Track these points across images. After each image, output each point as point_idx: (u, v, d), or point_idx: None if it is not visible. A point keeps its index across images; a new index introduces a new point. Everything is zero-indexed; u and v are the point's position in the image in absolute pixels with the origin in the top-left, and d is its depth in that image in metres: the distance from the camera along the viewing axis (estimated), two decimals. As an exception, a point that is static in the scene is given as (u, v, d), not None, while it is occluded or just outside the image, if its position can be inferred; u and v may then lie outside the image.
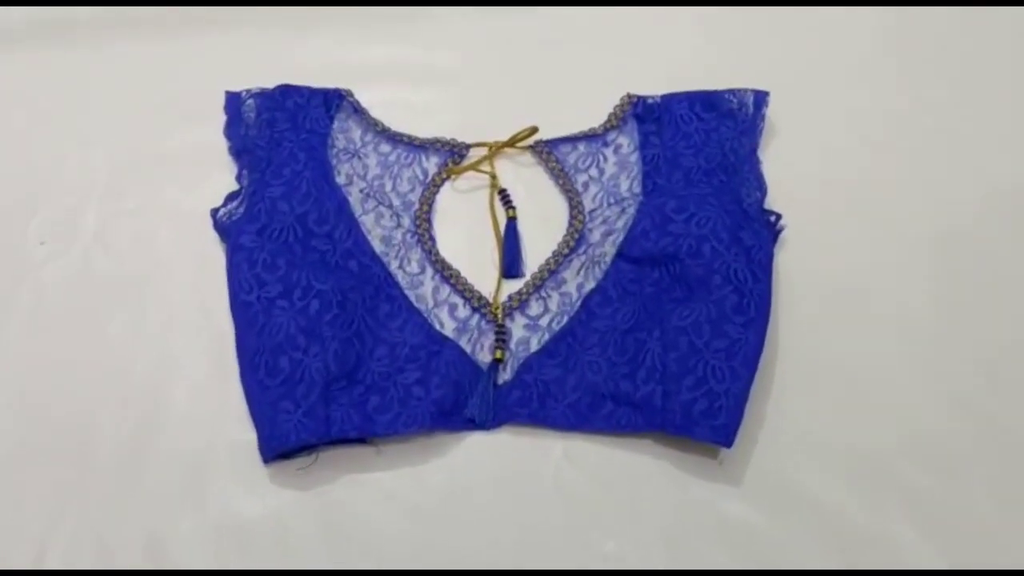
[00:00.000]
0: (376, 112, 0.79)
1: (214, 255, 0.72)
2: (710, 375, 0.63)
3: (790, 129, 0.78)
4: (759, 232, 0.69)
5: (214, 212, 0.74)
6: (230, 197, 0.74)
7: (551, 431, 0.66)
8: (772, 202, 0.74)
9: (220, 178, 0.76)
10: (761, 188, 0.74)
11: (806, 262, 0.72)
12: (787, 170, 0.75)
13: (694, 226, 0.68)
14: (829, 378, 0.68)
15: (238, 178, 0.75)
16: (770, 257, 0.68)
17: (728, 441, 0.63)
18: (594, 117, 0.78)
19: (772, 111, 0.77)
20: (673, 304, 0.67)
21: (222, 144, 0.78)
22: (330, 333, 0.66)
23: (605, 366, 0.66)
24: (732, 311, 0.65)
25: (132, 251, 0.74)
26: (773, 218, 0.72)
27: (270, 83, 0.79)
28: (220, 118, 0.79)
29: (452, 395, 0.66)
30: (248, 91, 0.79)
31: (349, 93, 0.79)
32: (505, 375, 0.68)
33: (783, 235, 0.73)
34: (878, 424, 0.66)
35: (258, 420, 0.65)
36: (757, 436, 0.66)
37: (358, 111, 0.79)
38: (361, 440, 0.66)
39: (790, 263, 0.72)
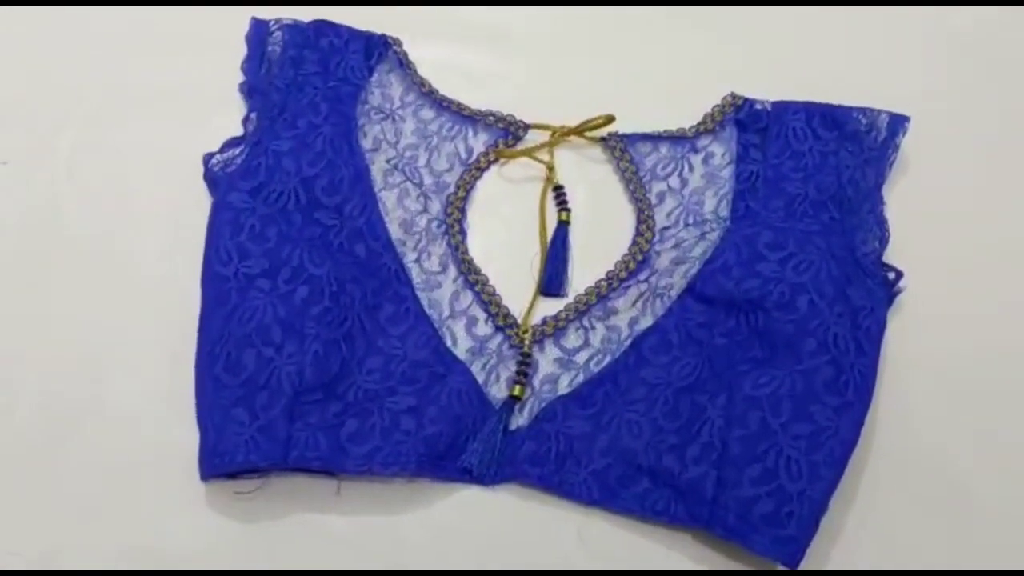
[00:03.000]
0: (424, 71, 0.71)
1: (202, 214, 0.63)
2: (783, 468, 0.55)
3: (925, 165, 0.69)
4: (872, 291, 0.61)
5: (207, 158, 0.66)
6: (230, 143, 0.66)
7: (566, 502, 0.58)
8: (891, 254, 0.64)
9: (228, 121, 0.68)
10: (882, 236, 0.65)
11: (926, 337, 0.63)
12: (914, 217, 0.66)
13: (790, 270, 0.60)
14: (937, 492, 0.59)
15: (244, 122, 0.67)
16: (882, 326, 0.60)
17: (793, 560, 0.54)
18: (685, 115, 0.70)
19: (907, 142, 0.68)
20: (748, 365, 0.59)
21: (240, 82, 0.70)
22: (314, 331, 0.58)
23: (648, 430, 0.58)
24: (824, 388, 0.57)
25: (104, 191, 0.67)
26: (892, 275, 0.64)
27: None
28: (242, 51, 0.71)
29: (449, 433, 0.58)
30: (278, 21, 0.71)
31: (397, 42, 0.72)
32: (520, 419, 0.60)
33: (899, 298, 0.63)
34: (1003, 557, 0.57)
35: (203, 426, 0.57)
36: (829, 554, 0.57)
37: (404, 65, 0.71)
38: (327, 471, 0.57)
39: (904, 336, 0.63)
